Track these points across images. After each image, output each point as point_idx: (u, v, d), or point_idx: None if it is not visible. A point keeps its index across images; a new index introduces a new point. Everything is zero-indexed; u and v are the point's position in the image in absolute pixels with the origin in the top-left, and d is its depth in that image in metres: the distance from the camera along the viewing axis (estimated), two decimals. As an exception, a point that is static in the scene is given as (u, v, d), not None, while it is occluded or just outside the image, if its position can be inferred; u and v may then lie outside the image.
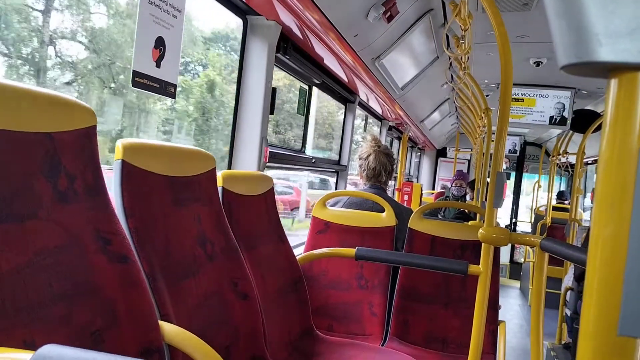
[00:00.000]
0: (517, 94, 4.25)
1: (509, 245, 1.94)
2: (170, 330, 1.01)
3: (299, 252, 2.11)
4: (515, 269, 7.79)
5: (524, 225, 8.40)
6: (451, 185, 5.34)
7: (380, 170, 2.57)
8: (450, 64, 3.26)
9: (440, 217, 4.69)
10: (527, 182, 8.71)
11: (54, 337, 0.82)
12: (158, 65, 1.31)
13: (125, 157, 1.08)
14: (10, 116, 0.81)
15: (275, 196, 1.91)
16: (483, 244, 1.65)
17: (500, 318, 2.24)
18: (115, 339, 0.94)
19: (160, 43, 1.30)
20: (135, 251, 1.04)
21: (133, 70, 1.22)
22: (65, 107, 0.93)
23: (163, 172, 1.20)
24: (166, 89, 1.37)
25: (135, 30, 1.22)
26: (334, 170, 3.67)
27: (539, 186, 7.46)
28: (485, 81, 4.22)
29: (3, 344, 0.72)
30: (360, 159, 2.65)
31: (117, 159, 1.08)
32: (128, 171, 1.09)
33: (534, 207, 7.54)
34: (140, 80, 1.25)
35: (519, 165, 8.22)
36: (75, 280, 0.89)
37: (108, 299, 0.95)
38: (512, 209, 8.23)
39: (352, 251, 1.93)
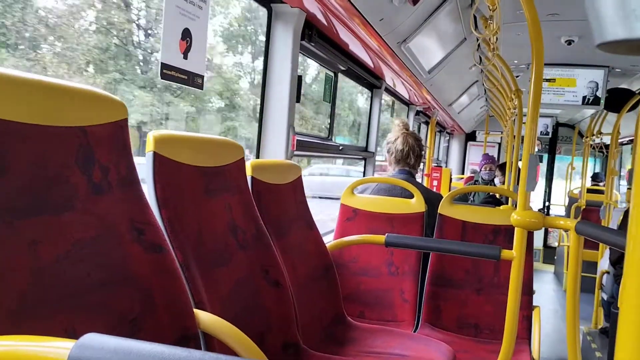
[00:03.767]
0: (549, 74, 4.14)
1: (542, 229, 1.90)
2: (205, 318, 1.03)
3: (328, 240, 2.12)
4: (549, 254, 7.65)
5: (557, 208, 8.22)
6: (480, 170, 5.26)
7: (409, 152, 2.54)
8: (479, 45, 3.19)
9: (470, 202, 4.63)
10: (560, 164, 8.51)
11: (93, 325, 0.84)
12: (185, 57, 1.32)
13: (157, 149, 1.10)
14: (46, 111, 0.83)
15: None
16: (516, 229, 1.62)
17: (534, 303, 2.21)
18: (153, 326, 0.97)
19: (186, 35, 1.31)
20: (169, 240, 1.06)
21: (161, 63, 1.24)
22: (98, 101, 0.95)
23: (194, 162, 1.22)
24: (194, 80, 1.38)
25: (162, 23, 1.23)
26: (361, 157, 3.66)
27: (573, 168, 7.27)
28: (515, 62, 4.11)
29: (45, 332, 0.75)
30: (388, 142, 2.63)
31: (148, 151, 1.10)
32: (160, 162, 1.11)
33: (567, 189, 7.37)
34: (169, 72, 1.27)
35: (552, 147, 8.02)
36: (112, 269, 0.92)
37: (144, 287, 0.97)
38: (545, 192, 8.06)
39: (382, 238, 1.93)
